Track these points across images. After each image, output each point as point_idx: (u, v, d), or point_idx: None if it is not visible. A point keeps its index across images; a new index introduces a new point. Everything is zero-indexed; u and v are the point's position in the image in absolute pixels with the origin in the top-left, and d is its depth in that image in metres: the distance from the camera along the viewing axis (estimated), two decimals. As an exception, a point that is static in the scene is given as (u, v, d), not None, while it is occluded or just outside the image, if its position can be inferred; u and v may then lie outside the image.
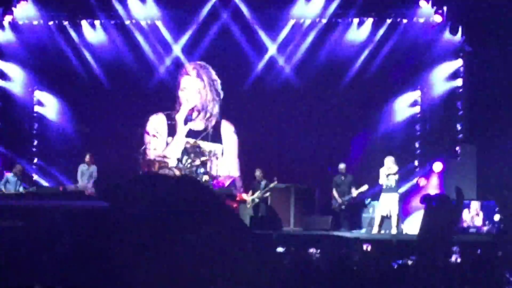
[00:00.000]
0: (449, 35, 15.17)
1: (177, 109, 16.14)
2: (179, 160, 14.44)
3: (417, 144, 16.06)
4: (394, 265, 6.27)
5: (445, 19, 15.11)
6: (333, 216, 14.00)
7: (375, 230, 13.52)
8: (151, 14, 16.12)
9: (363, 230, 14.07)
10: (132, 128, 15.38)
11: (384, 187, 13.56)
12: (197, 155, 14.39)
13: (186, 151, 14.55)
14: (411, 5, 15.48)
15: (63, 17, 16.05)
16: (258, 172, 14.52)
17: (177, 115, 16.06)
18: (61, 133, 16.64)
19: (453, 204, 7.58)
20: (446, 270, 5.98)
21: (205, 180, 13.74)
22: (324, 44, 15.98)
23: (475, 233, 12.82)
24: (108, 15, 16.01)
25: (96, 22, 16.12)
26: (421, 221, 7.56)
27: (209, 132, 15.71)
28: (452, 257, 7.76)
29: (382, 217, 13.55)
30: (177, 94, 16.26)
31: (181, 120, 16.05)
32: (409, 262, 6.90)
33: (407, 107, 16.16)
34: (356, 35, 15.98)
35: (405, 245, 10.37)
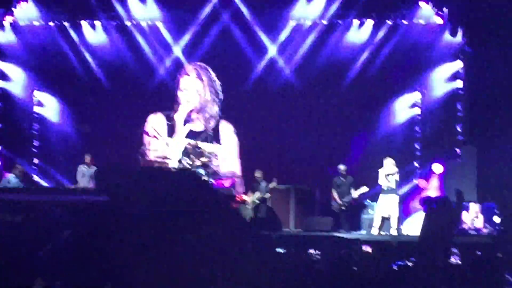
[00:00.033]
0: (449, 36, 15.17)
1: (176, 109, 16.09)
2: (179, 161, 14.42)
3: (417, 146, 16.08)
4: (394, 267, 6.26)
5: (445, 21, 15.13)
6: (333, 217, 14.01)
7: (375, 231, 13.52)
8: (152, 15, 16.11)
9: (363, 231, 14.08)
10: (132, 129, 15.27)
11: (384, 189, 13.56)
12: (197, 156, 14.34)
13: (186, 152, 14.50)
14: (411, 7, 15.49)
15: (63, 18, 16.02)
16: (258, 173, 14.52)
17: (176, 115, 16.00)
18: (61, 133, 16.64)
19: (453, 206, 7.58)
20: (446, 271, 5.97)
21: (205, 181, 13.71)
22: (324, 45, 15.98)
23: (475, 235, 12.81)
24: (109, 15, 16.00)
25: (97, 22, 16.11)
26: (422, 224, 7.56)
27: (209, 133, 15.66)
28: (452, 258, 7.75)
29: (382, 218, 13.55)
30: (176, 94, 16.23)
31: (180, 121, 15.90)
32: (409, 263, 6.88)
33: (407, 108, 16.18)
34: (356, 36, 15.98)
35: (405, 247, 10.36)
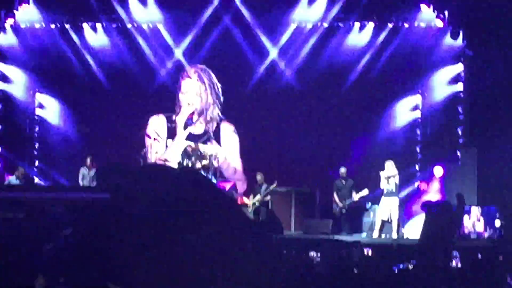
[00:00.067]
0: (450, 39, 15.18)
1: (177, 111, 16.12)
2: (180, 164, 14.42)
3: (418, 148, 16.06)
4: (395, 270, 6.26)
5: (446, 24, 15.13)
6: (333, 220, 14.00)
7: (376, 234, 13.52)
8: (153, 18, 16.12)
9: (363, 234, 14.06)
10: (133, 131, 15.37)
11: (385, 191, 13.56)
12: (198, 158, 14.37)
13: (187, 155, 14.54)
14: (412, 10, 15.50)
15: (64, 20, 16.03)
16: (259, 176, 14.53)
17: (177, 118, 16.03)
18: (62, 136, 16.62)
19: (453, 210, 7.56)
20: (447, 274, 5.97)
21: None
22: (325, 48, 15.98)
23: (476, 238, 12.80)
24: (110, 18, 16.01)
25: (98, 25, 16.12)
26: (422, 228, 7.55)
27: (210, 136, 15.67)
28: (452, 261, 7.75)
29: (382, 221, 13.55)
30: (178, 97, 16.25)
31: (181, 123, 16.00)
32: (409, 266, 6.88)
33: (408, 111, 16.16)
34: (357, 39, 15.98)
35: (405, 250, 10.36)
